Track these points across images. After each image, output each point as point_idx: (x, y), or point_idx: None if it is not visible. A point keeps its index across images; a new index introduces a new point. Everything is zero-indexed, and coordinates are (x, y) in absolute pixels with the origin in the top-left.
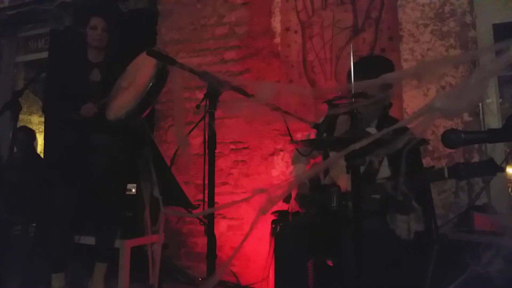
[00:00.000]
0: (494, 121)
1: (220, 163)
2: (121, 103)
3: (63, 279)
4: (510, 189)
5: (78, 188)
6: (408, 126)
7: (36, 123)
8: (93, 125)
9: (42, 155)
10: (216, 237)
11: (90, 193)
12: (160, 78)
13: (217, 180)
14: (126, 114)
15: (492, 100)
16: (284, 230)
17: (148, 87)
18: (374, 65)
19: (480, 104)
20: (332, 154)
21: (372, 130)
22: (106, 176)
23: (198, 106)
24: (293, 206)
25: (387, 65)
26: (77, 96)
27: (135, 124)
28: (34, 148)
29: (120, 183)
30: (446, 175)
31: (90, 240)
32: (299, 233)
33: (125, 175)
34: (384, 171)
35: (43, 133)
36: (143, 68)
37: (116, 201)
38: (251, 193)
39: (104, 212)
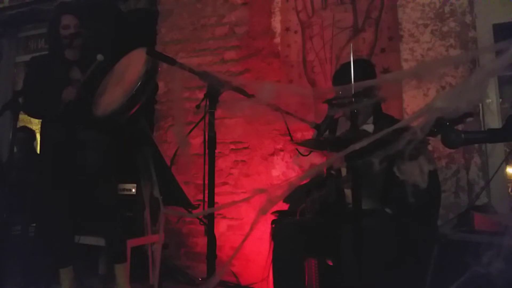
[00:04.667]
0: (494, 121)
1: (220, 163)
2: (109, 100)
3: (72, 272)
4: (510, 189)
5: (71, 187)
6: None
7: (36, 123)
8: (81, 121)
9: None
10: (216, 237)
11: (84, 192)
12: (149, 76)
13: (217, 180)
14: (112, 111)
15: (492, 100)
16: (280, 229)
17: (137, 85)
18: (355, 69)
19: (480, 104)
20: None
21: (369, 126)
22: (99, 174)
23: (198, 106)
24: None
25: (366, 68)
26: (57, 95)
27: (127, 123)
28: (34, 148)
29: (111, 181)
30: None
31: (89, 240)
32: (295, 233)
33: (116, 173)
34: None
35: None
36: (132, 66)
37: (114, 199)
38: (251, 193)
39: (107, 212)
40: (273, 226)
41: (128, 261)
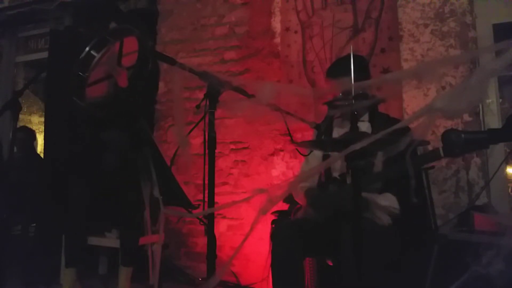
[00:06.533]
0: (494, 121)
1: (220, 163)
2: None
3: (75, 273)
4: (510, 189)
5: (93, 186)
6: (409, 126)
7: (36, 123)
8: (103, 121)
9: (42, 155)
10: (216, 237)
11: (105, 192)
12: (139, 66)
13: (217, 180)
14: (96, 100)
15: (492, 100)
16: (279, 229)
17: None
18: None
19: (480, 104)
20: (333, 154)
21: (364, 124)
22: (122, 174)
23: (198, 106)
24: (296, 212)
25: (360, 62)
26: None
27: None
28: (34, 148)
29: (136, 180)
30: (442, 154)
31: (96, 241)
32: (294, 233)
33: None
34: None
35: (43, 133)
36: None
37: (137, 200)
38: (251, 193)
39: (127, 213)
40: (273, 226)
41: (132, 266)
